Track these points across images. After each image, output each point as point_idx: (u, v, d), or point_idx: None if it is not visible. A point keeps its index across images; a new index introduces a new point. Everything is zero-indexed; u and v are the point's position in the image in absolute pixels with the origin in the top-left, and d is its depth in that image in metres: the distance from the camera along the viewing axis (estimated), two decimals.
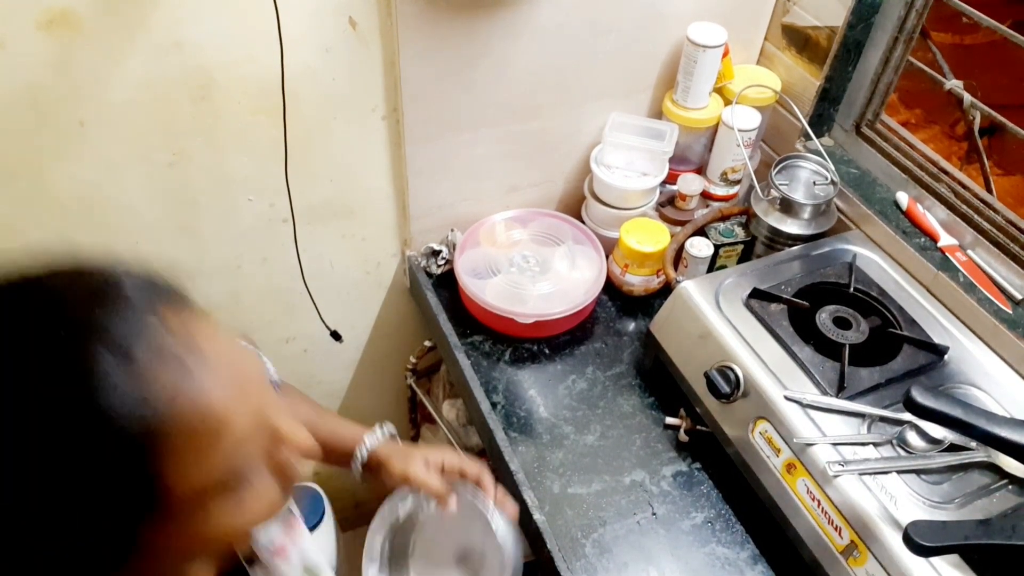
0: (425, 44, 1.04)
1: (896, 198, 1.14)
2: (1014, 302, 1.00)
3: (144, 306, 0.45)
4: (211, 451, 0.44)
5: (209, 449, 0.44)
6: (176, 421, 0.42)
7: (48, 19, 0.88)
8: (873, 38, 1.13)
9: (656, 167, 1.24)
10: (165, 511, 0.43)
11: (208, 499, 0.45)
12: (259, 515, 0.50)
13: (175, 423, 0.42)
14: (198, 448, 0.43)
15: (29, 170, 0.99)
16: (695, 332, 1.01)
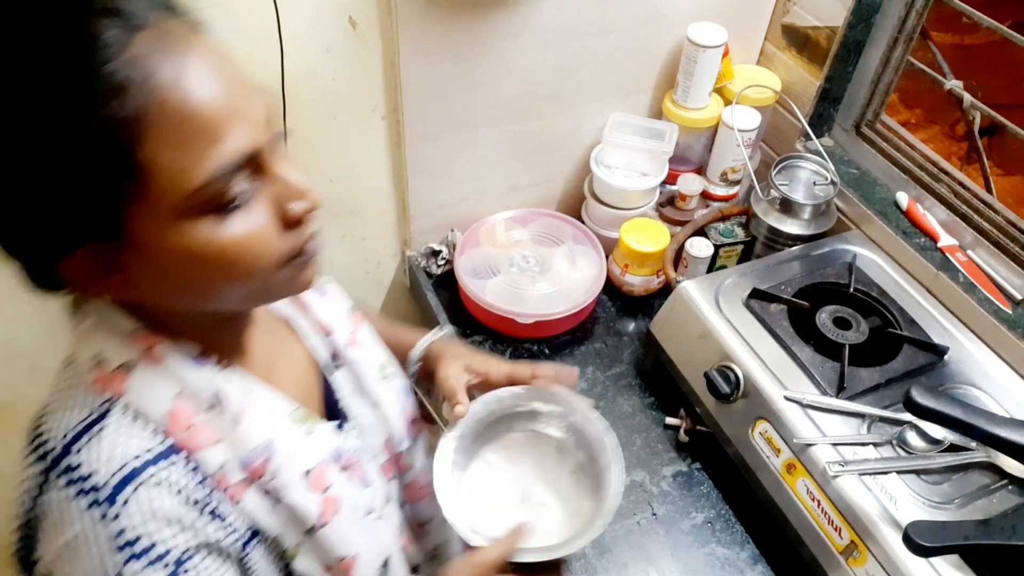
0: (425, 44, 1.04)
1: (896, 198, 1.14)
2: (1014, 302, 1.00)
3: (161, 4, 0.47)
4: (194, 146, 0.45)
5: (193, 146, 0.45)
6: (165, 104, 0.44)
7: None
8: (873, 38, 1.13)
9: (656, 167, 1.24)
10: (146, 193, 0.45)
11: (190, 200, 0.46)
12: (251, 247, 0.50)
13: (164, 105, 0.44)
14: (182, 140, 0.45)
15: None
16: (695, 332, 1.01)
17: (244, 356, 0.61)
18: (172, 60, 0.45)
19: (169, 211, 0.46)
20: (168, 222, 0.46)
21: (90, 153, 0.43)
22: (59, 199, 0.45)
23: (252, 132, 0.48)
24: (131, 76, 0.43)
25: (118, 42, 0.43)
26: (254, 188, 0.50)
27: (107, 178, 0.44)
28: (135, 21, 0.44)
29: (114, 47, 0.43)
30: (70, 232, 0.47)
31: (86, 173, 0.44)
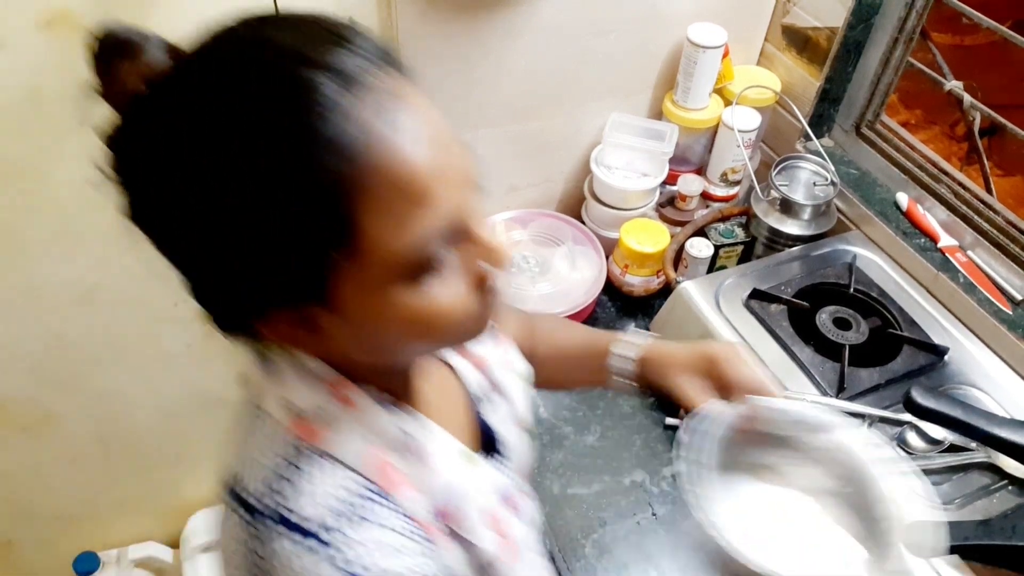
0: (425, 44, 1.04)
1: (896, 199, 1.14)
2: (1014, 303, 1.00)
3: (374, 56, 0.46)
4: (407, 212, 0.43)
5: (405, 209, 0.43)
6: (382, 168, 0.42)
7: (48, 19, 0.88)
8: (873, 39, 1.13)
9: (656, 168, 1.24)
10: (356, 258, 0.43)
11: (396, 267, 0.44)
12: (448, 312, 0.48)
13: (381, 168, 0.41)
14: (395, 204, 0.42)
15: (29, 170, 0.99)
16: (695, 332, 1.01)
17: (416, 397, 0.59)
18: (389, 120, 0.42)
19: (374, 276, 0.44)
20: (371, 286, 0.45)
21: (304, 215, 0.41)
22: (268, 261, 0.43)
23: (460, 193, 0.46)
24: (349, 136, 0.41)
25: (336, 100, 0.41)
26: (455, 249, 0.48)
27: (320, 241, 0.42)
28: (354, 78, 0.42)
29: (332, 105, 0.41)
30: (273, 294, 0.45)
31: (299, 235, 0.42)
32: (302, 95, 0.41)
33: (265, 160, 0.41)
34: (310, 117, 0.40)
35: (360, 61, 0.44)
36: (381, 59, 0.46)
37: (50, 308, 1.15)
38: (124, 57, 0.48)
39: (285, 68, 0.42)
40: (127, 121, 0.48)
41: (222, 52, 0.45)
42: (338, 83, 0.41)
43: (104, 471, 1.43)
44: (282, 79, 0.41)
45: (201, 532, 1.51)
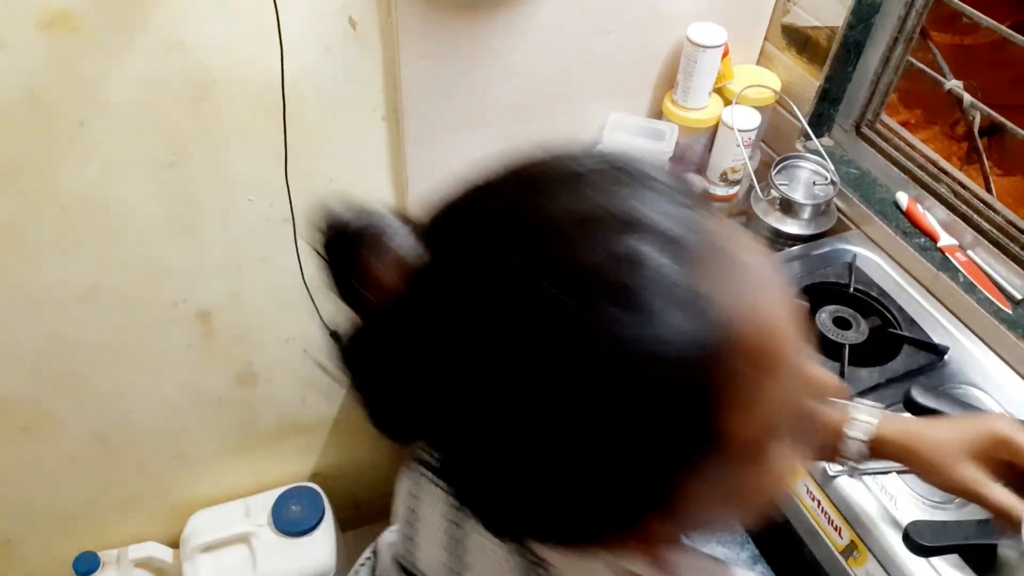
0: (425, 44, 1.04)
1: (896, 198, 1.14)
2: (1014, 302, 1.00)
3: (682, 197, 0.36)
4: (762, 387, 0.35)
5: (761, 384, 0.35)
6: (738, 347, 0.34)
7: (48, 19, 0.88)
8: (873, 38, 1.13)
9: None
10: (710, 451, 0.35)
11: (749, 451, 0.37)
12: (787, 476, 0.40)
13: (736, 349, 0.33)
14: (752, 382, 0.35)
15: (29, 170, 0.99)
16: None
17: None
18: (730, 283, 0.34)
19: (724, 468, 0.37)
20: (718, 479, 0.37)
21: (653, 425, 0.34)
22: (604, 483, 0.36)
23: (797, 335, 0.38)
24: (696, 319, 0.33)
25: (670, 275, 0.33)
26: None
27: (672, 450, 0.35)
28: (677, 238, 0.34)
29: (667, 281, 0.33)
30: (605, 515, 0.38)
31: (646, 450, 0.35)
32: (627, 277, 0.32)
33: (602, 368, 0.32)
34: (645, 303, 0.32)
35: (672, 207, 0.35)
36: (682, 192, 0.37)
37: (50, 308, 1.15)
38: (368, 248, 0.41)
39: (597, 245, 0.33)
40: (397, 325, 0.39)
41: (505, 230, 0.36)
42: (666, 250, 0.33)
43: (104, 471, 1.43)
44: (598, 258, 0.33)
45: (201, 532, 1.51)
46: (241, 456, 1.56)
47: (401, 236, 0.41)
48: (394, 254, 0.40)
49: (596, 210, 0.34)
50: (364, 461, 1.76)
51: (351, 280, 0.43)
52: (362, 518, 1.92)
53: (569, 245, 0.34)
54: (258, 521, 1.54)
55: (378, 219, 0.43)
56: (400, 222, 0.42)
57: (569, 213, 0.35)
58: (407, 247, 0.40)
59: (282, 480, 1.64)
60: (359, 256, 0.42)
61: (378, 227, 0.42)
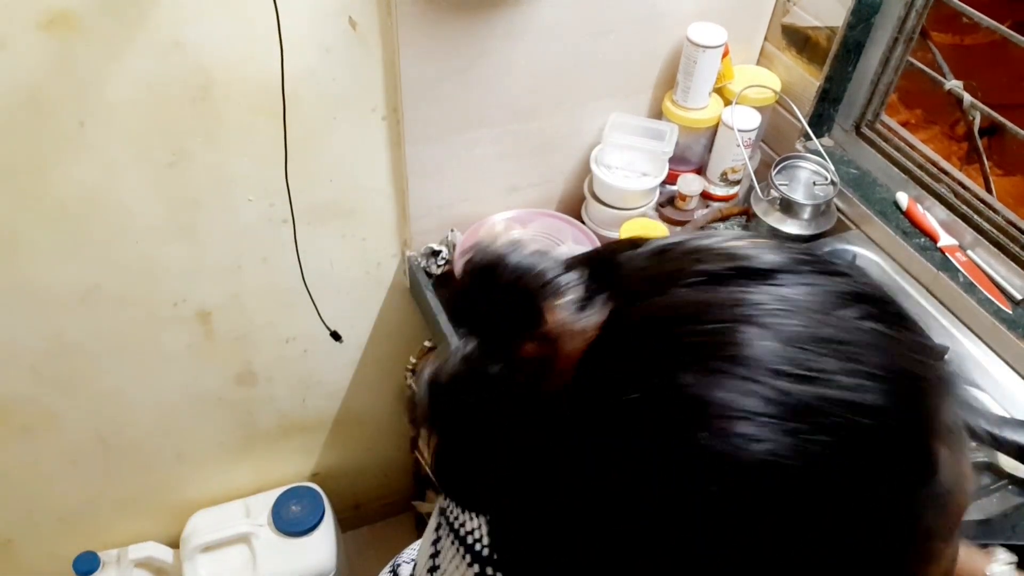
0: (425, 44, 1.04)
1: (896, 198, 1.14)
2: (1014, 302, 1.00)
3: (932, 348, 0.36)
4: (949, 547, 0.35)
5: (952, 543, 0.35)
6: (957, 504, 0.34)
7: (48, 19, 0.88)
8: (873, 38, 1.13)
9: (656, 167, 1.24)
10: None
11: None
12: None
13: (955, 506, 0.34)
14: (950, 538, 0.35)
15: (29, 170, 0.99)
16: None
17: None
18: (962, 461, 0.34)
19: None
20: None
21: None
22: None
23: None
24: (947, 490, 0.32)
25: (946, 459, 0.32)
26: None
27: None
28: (957, 435, 0.33)
29: (942, 464, 0.32)
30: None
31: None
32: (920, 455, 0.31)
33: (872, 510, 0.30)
34: (919, 480, 0.31)
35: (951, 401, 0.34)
36: (930, 345, 0.35)
37: (50, 308, 1.15)
38: (547, 300, 0.35)
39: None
40: (534, 399, 0.34)
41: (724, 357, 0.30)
42: (948, 444, 0.32)
43: (104, 471, 1.43)
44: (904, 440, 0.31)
45: (201, 532, 1.51)
46: (241, 456, 1.56)
47: (568, 287, 0.35)
48: (552, 309, 0.34)
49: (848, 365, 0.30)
50: (364, 461, 1.76)
51: (488, 315, 0.37)
52: (362, 518, 1.92)
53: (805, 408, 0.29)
54: (258, 521, 1.54)
55: (545, 262, 0.36)
56: (570, 272, 0.36)
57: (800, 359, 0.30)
58: (569, 305, 0.34)
59: (282, 480, 1.64)
60: (508, 294, 0.36)
61: (542, 271, 0.36)
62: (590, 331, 0.33)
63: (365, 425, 1.67)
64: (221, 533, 1.51)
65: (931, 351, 0.35)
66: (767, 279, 0.32)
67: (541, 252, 0.37)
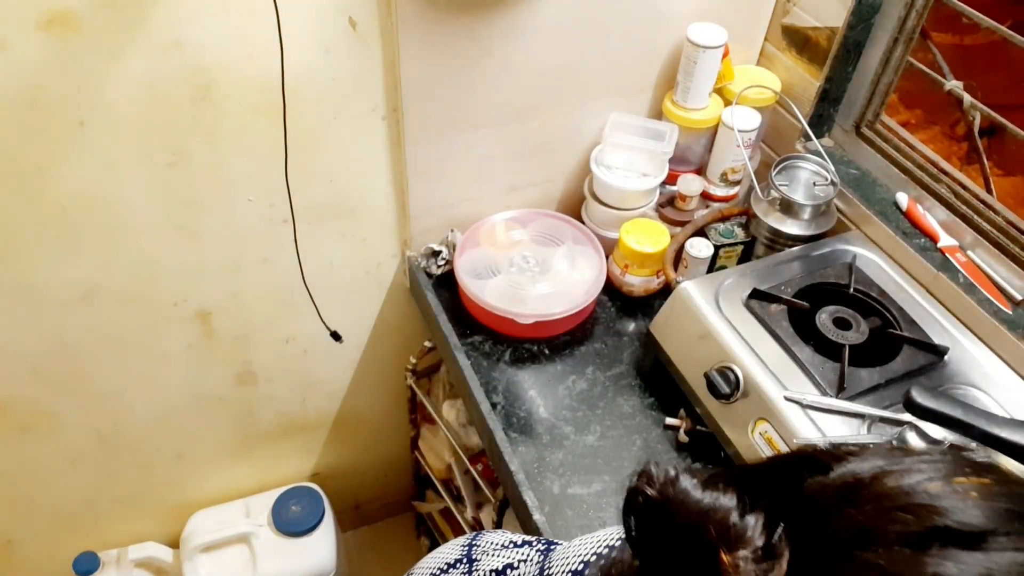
0: (425, 44, 1.04)
1: (896, 199, 1.14)
2: (1014, 303, 1.00)
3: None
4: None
5: None
6: None
7: (48, 19, 0.88)
8: (873, 38, 1.13)
9: (656, 168, 1.24)
10: None
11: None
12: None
13: None
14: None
15: (29, 170, 1.00)
16: (695, 332, 1.01)
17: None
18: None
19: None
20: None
21: None
22: None
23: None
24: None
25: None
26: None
27: None
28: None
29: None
30: None
31: None
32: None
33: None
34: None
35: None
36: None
37: (50, 308, 1.15)
38: (728, 552, 0.32)
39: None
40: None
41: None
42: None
43: (104, 471, 1.43)
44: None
45: (201, 532, 1.51)
46: (241, 456, 1.56)
47: (749, 536, 0.32)
48: (733, 561, 0.31)
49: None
50: (364, 461, 1.76)
51: (665, 560, 0.34)
52: (362, 518, 1.92)
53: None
54: (258, 521, 1.54)
55: (725, 502, 0.33)
56: (751, 514, 0.33)
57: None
58: (750, 557, 0.31)
59: (282, 480, 1.65)
60: (687, 541, 0.33)
61: (723, 516, 0.33)
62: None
63: (365, 425, 1.67)
64: (221, 533, 1.51)
65: None
66: (974, 544, 0.28)
67: (718, 486, 0.33)
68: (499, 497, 1.26)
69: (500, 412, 1.11)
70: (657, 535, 0.34)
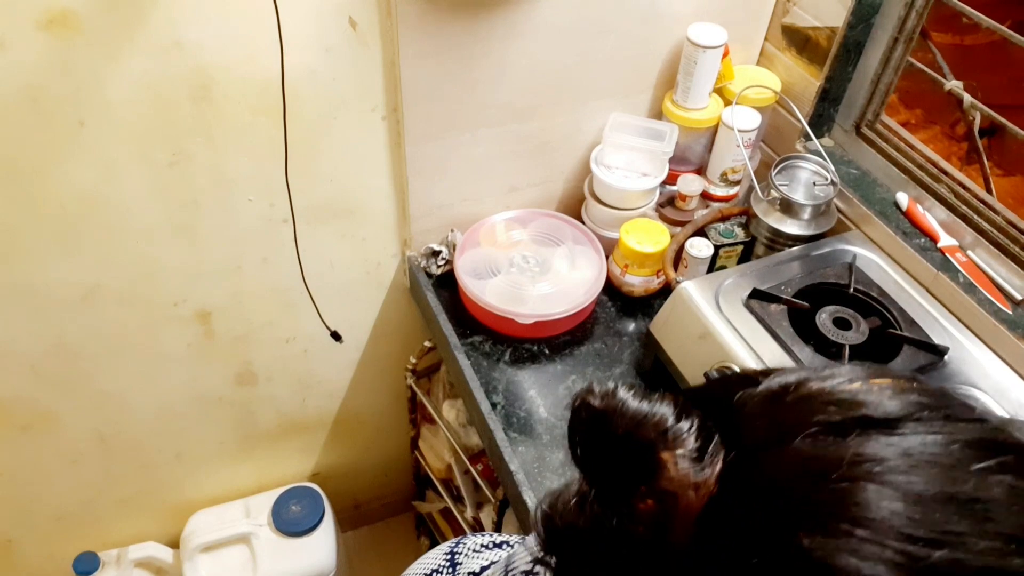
0: (425, 44, 1.04)
1: (896, 198, 1.14)
2: (1014, 303, 1.00)
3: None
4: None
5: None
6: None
7: (48, 19, 0.88)
8: (873, 38, 1.13)
9: (656, 167, 1.24)
10: None
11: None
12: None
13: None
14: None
15: (29, 170, 1.00)
16: (695, 332, 1.01)
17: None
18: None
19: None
20: None
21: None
22: None
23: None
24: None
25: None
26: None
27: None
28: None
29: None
30: None
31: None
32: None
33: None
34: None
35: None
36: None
37: (50, 308, 1.15)
38: (665, 451, 0.34)
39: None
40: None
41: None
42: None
43: (104, 471, 1.43)
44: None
45: (201, 532, 1.51)
46: (241, 456, 1.56)
47: (685, 436, 0.34)
48: (670, 459, 0.33)
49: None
50: (364, 461, 1.76)
51: (605, 465, 0.36)
52: (362, 518, 1.92)
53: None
54: (258, 521, 1.54)
55: (661, 409, 0.35)
56: (686, 418, 0.35)
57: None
58: (687, 455, 0.33)
59: (282, 480, 1.65)
60: (625, 445, 0.35)
61: (659, 420, 0.35)
62: (709, 485, 0.33)
63: (365, 425, 1.67)
64: (221, 533, 1.51)
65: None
66: (890, 429, 0.31)
67: (655, 397, 0.36)
68: (499, 497, 1.26)
69: (500, 412, 1.11)
70: (600, 446, 0.36)
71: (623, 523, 0.34)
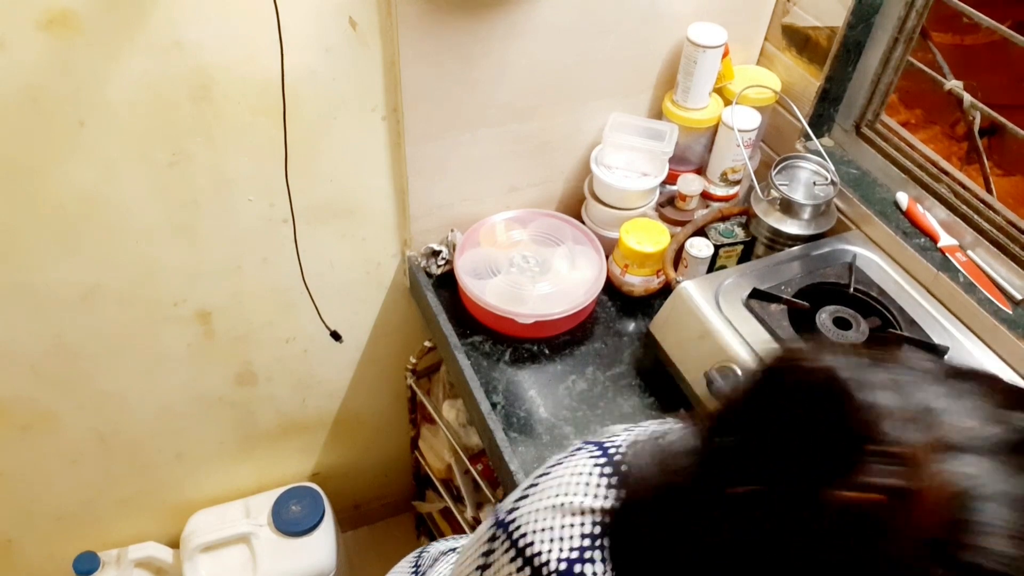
0: (425, 44, 1.04)
1: (896, 198, 1.14)
2: (1014, 302, 1.00)
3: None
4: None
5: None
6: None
7: (48, 19, 0.88)
8: (873, 38, 1.13)
9: (656, 167, 1.24)
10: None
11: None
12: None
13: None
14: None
15: (29, 170, 0.99)
16: (695, 332, 1.01)
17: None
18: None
19: None
20: None
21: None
22: None
23: None
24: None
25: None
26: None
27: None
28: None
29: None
30: None
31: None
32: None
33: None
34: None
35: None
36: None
37: (50, 308, 1.15)
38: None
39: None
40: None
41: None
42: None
43: (104, 471, 1.43)
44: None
45: (201, 532, 1.51)
46: (241, 456, 1.56)
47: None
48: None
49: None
50: (364, 461, 1.76)
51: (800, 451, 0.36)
52: (362, 518, 1.92)
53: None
54: (258, 521, 1.54)
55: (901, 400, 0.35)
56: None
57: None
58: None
59: (282, 480, 1.65)
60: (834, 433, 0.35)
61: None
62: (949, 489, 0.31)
63: (365, 425, 1.67)
64: (221, 533, 1.51)
65: None
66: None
67: (897, 384, 0.34)
68: (499, 497, 1.26)
69: (500, 412, 1.11)
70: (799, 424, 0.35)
71: (815, 519, 0.32)
